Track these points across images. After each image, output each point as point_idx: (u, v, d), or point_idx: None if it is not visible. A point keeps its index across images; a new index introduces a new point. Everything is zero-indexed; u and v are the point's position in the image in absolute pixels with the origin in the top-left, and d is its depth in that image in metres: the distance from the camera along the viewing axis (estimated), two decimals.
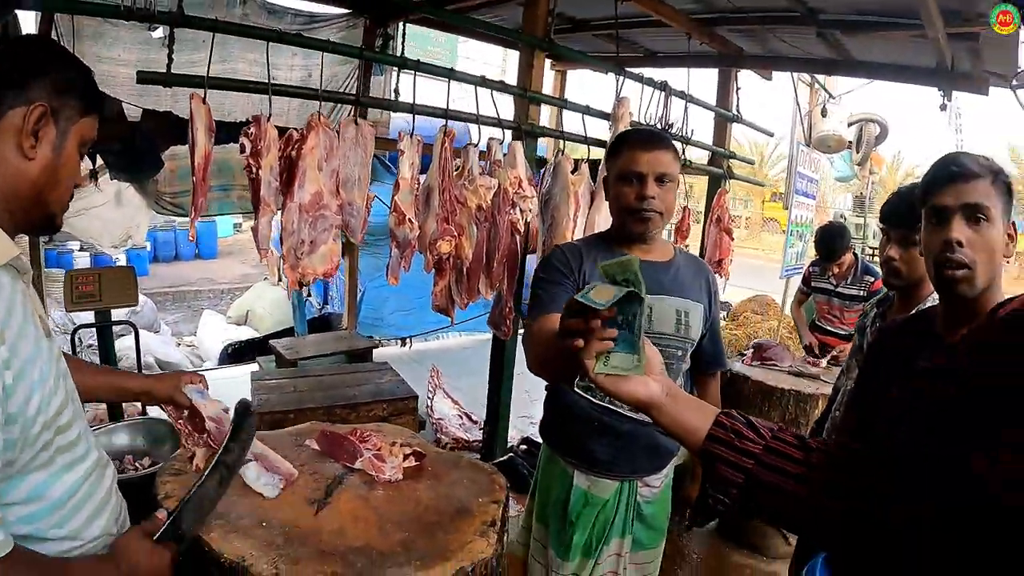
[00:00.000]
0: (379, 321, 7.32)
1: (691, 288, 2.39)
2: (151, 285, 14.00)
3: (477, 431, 4.30)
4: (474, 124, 3.32)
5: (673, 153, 2.29)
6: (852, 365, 2.78)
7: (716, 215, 5.12)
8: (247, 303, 9.99)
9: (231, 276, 16.38)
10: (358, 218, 2.99)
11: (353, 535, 1.81)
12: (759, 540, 4.69)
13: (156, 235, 17.36)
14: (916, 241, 2.41)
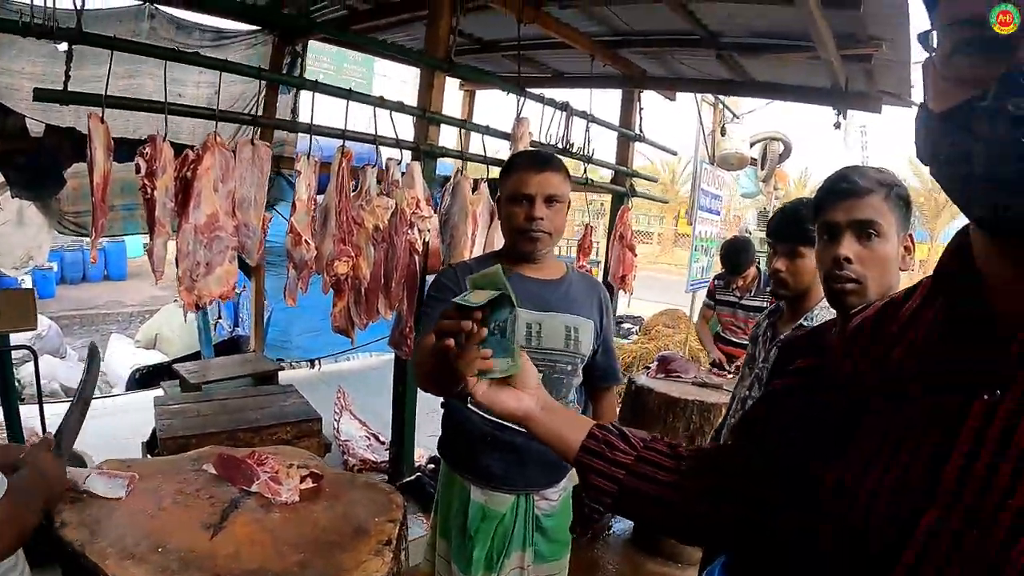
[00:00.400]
0: (287, 343, 7.24)
1: (582, 305, 2.46)
2: (58, 308, 13.57)
3: (384, 451, 4.30)
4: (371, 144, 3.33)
5: (562, 175, 2.36)
6: (746, 373, 2.89)
7: (619, 232, 5.23)
8: (155, 326, 9.75)
9: (140, 298, 15.93)
10: (254, 239, 2.98)
11: (248, 558, 1.81)
12: (673, 547, 4.79)
13: (64, 255, 16.79)
14: (802, 253, 2.55)
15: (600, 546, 4.99)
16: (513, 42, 4.45)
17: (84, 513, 1.93)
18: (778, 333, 2.72)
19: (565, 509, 2.63)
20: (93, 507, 1.97)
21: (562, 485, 2.57)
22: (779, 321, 2.78)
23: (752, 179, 11.10)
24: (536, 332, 2.36)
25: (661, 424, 4.55)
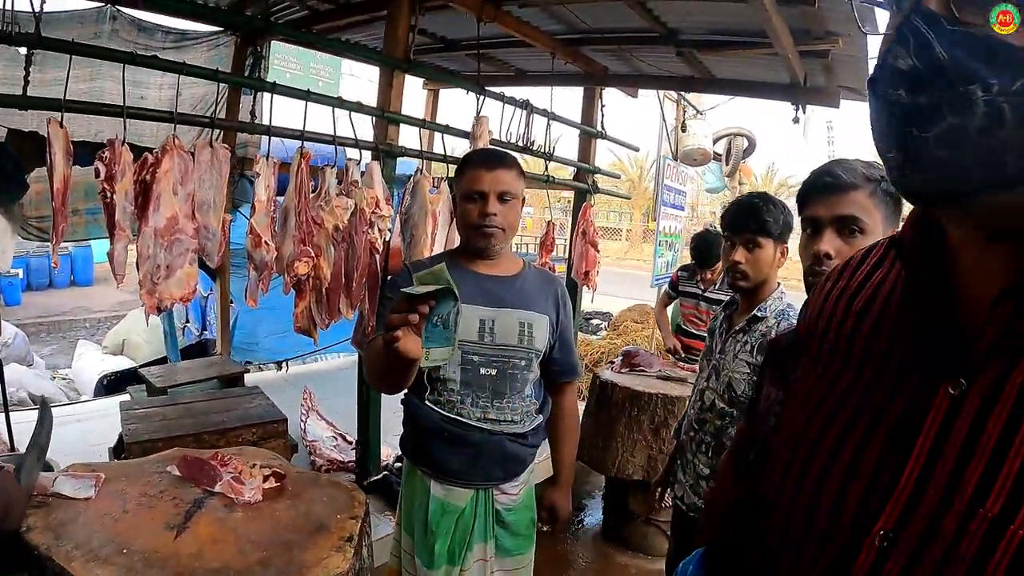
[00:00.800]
0: (253, 345, 7.21)
1: (536, 300, 2.50)
2: (24, 315, 13.42)
3: (352, 451, 4.31)
4: (330, 145, 3.35)
5: (515, 172, 2.42)
6: (704, 365, 2.96)
7: (582, 228, 5.27)
8: (123, 332, 9.67)
9: (108, 303, 15.75)
10: (214, 241, 2.98)
11: (211, 557, 1.85)
12: (642, 540, 4.88)
13: (29, 261, 16.58)
14: (760, 244, 2.61)
15: (570, 540, 5.05)
16: (474, 41, 4.48)
17: (50, 517, 1.96)
18: (733, 325, 2.80)
19: (527, 503, 2.67)
20: (59, 511, 2.00)
21: (521, 479, 2.61)
22: (735, 313, 2.85)
23: (717, 175, 11.20)
24: (489, 328, 2.40)
25: (626, 417, 4.63)
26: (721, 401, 2.75)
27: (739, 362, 2.69)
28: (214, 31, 5.55)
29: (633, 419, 4.62)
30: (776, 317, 2.65)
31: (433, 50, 5.70)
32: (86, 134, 4.78)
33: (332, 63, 14.81)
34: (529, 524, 2.68)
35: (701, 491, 2.83)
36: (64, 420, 5.40)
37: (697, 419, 2.87)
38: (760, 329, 2.66)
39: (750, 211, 2.65)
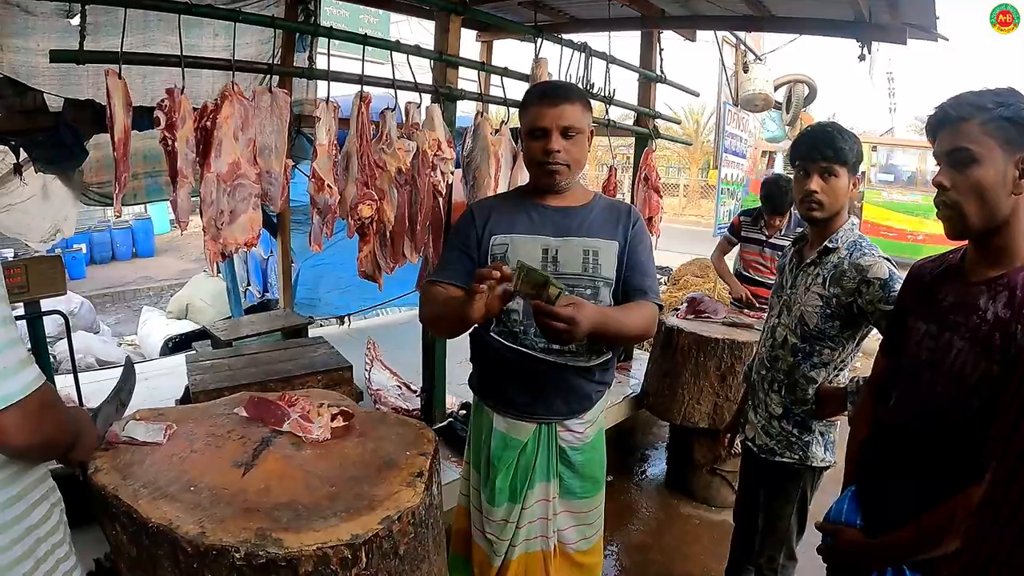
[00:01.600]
0: (316, 300, 7.26)
1: (602, 228, 2.42)
2: (89, 287, 13.70)
3: (416, 400, 4.31)
4: (390, 89, 3.31)
5: (581, 105, 2.34)
6: (774, 302, 2.89)
7: (644, 174, 5.17)
8: (186, 297, 9.81)
9: (170, 273, 16.07)
10: (277, 186, 2.97)
11: (278, 492, 1.85)
12: (706, 491, 4.84)
13: (92, 236, 16.95)
14: (836, 172, 2.54)
15: (634, 490, 5.02)
16: None
17: (117, 459, 1.98)
18: (804, 259, 2.73)
19: (596, 445, 2.61)
20: (126, 454, 2.02)
21: (588, 418, 2.53)
22: (805, 248, 2.78)
23: (777, 123, 10.95)
24: (553, 257, 2.36)
25: (692, 364, 4.56)
26: (793, 336, 2.71)
27: (811, 295, 2.64)
28: None
29: (700, 365, 4.55)
30: (848, 248, 2.59)
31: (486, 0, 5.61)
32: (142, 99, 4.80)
33: (380, 27, 14.78)
34: (598, 467, 2.63)
35: (774, 432, 2.79)
36: None
37: (769, 357, 2.83)
38: (832, 261, 2.61)
39: (826, 138, 2.57)
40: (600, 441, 2.63)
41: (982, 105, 1.69)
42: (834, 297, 2.56)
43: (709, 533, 4.50)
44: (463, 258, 2.40)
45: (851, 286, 2.51)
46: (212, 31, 5.04)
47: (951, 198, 1.74)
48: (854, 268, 2.51)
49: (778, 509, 2.86)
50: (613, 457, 2.71)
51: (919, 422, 1.86)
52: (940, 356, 1.82)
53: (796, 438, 2.74)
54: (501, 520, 2.51)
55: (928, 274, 2.03)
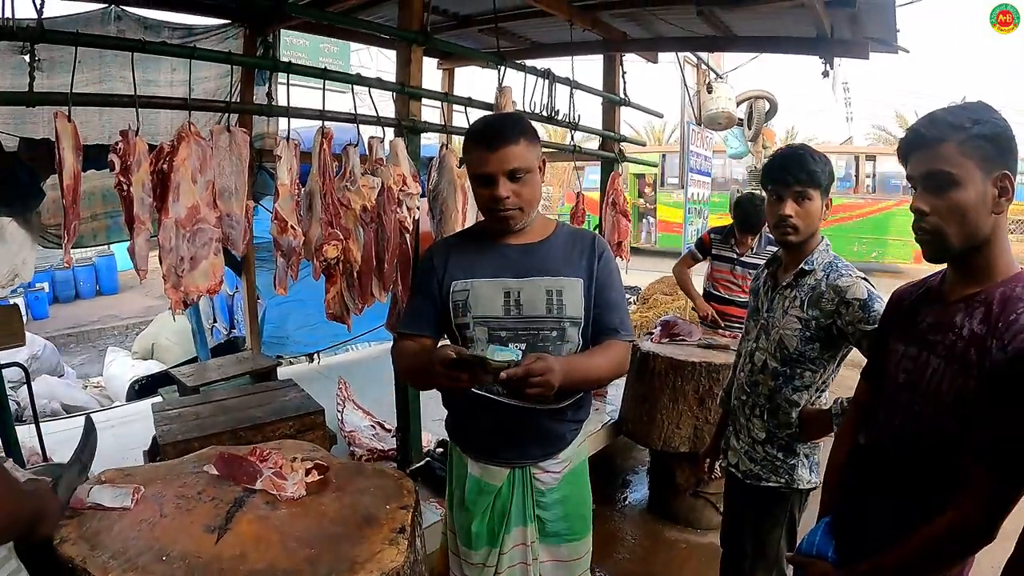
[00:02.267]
0: (284, 339, 7.16)
1: (565, 264, 2.31)
2: (53, 327, 13.49)
3: (391, 439, 4.22)
4: (352, 124, 3.24)
5: (525, 142, 2.18)
6: (751, 327, 2.85)
7: (611, 198, 5.15)
8: (151, 335, 9.66)
9: (135, 310, 15.83)
10: (238, 230, 2.88)
11: (255, 558, 1.77)
12: (690, 514, 4.81)
13: (54, 274, 16.66)
14: (810, 196, 2.51)
15: (617, 517, 4.96)
16: (490, 15, 4.35)
17: (83, 527, 1.88)
18: (779, 281, 2.70)
19: (576, 482, 2.50)
20: (93, 520, 1.92)
21: (564, 456, 2.42)
22: (779, 270, 2.75)
23: (740, 139, 11.03)
24: (515, 300, 2.25)
25: (670, 389, 4.53)
26: (773, 360, 2.66)
27: (789, 318, 2.60)
28: (221, 24, 5.42)
29: (678, 390, 4.51)
30: (824, 270, 2.57)
31: (447, 27, 5.57)
32: (99, 136, 4.70)
33: (342, 55, 14.75)
34: (581, 503, 2.52)
35: (758, 457, 2.74)
36: (98, 427, 5.36)
37: (749, 382, 2.78)
38: (809, 283, 2.58)
39: (798, 161, 2.55)
40: (580, 476, 2.52)
41: (958, 124, 1.65)
42: (813, 319, 2.52)
43: (696, 556, 4.45)
44: (427, 305, 2.31)
45: (830, 308, 2.48)
46: (170, 66, 4.96)
47: (931, 223, 1.69)
48: (832, 289, 2.49)
49: (767, 534, 2.80)
50: (594, 484, 2.61)
51: (897, 444, 1.84)
52: (918, 376, 1.79)
53: (781, 462, 2.69)
54: (479, 564, 2.41)
55: (909, 297, 2.00)
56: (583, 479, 2.54)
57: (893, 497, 1.83)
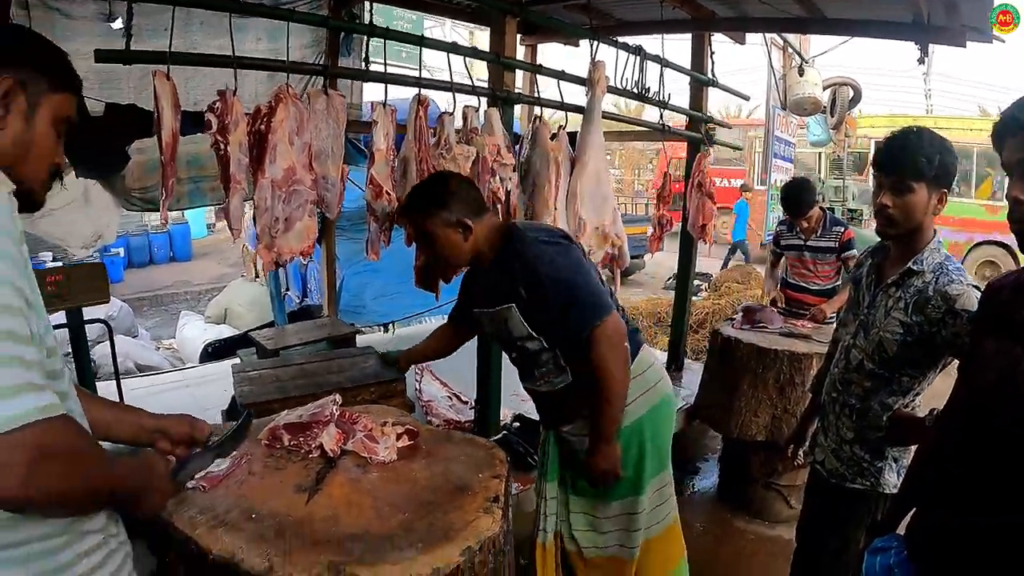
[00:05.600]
0: (360, 308, 7.20)
1: (496, 294, 2.58)
2: (126, 291, 13.79)
3: (468, 411, 4.21)
4: (447, 92, 3.22)
5: (422, 215, 2.54)
6: (849, 320, 2.72)
7: (697, 180, 5.05)
8: (224, 301, 9.81)
9: (208, 277, 16.17)
10: (333, 192, 2.88)
11: (348, 521, 1.73)
12: (760, 505, 4.71)
13: (129, 240, 17.12)
14: (911, 188, 2.32)
15: (686, 504, 4.88)
16: None
17: None
18: (885, 276, 2.53)
19: None
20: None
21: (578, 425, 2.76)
22: (885, 263, 2.58)
23: (822, 126, 10.72)
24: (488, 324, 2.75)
25: (751, 375, 4.43)
26: (870, 362, 2.50)
27: (892, 320, 2.41)
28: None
29: (758, 377, 4.42)
30: (933, 272, 2.36)
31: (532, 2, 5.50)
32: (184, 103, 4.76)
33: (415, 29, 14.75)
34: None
35: (845, 456, 2.61)
36: (173, 386, 5.46)
37: (842, 380, 2.64)
38: (916, 285, 2.38)
39: (901, 149, 2.35)
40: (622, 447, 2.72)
41: None
42: (916, 325, 2.35)
43: (764, 548, 4.37)
44: None
45: (935, 315, 2.30)
46: (255, 35, 4.98)
47: None
48: (940, 296, 2.29)
49: (847, 535, 2.69)
50: None
51: (986, 446, 1.70)
52: (1009, 372, 1.65)
53: (868, 464, 2.56)
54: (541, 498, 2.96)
55: (1004, 289, 1.85)
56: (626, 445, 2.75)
57: (984, 513, 1.69)
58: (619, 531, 2.87)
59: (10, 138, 1.28)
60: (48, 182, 1.42)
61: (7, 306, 1.12)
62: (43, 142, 1.35)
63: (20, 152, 1.31)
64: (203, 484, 1.82)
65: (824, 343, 4.16)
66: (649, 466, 2.80)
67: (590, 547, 2.92)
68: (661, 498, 2.93)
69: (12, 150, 1.29)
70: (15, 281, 1.14)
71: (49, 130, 1.37)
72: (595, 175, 3.62)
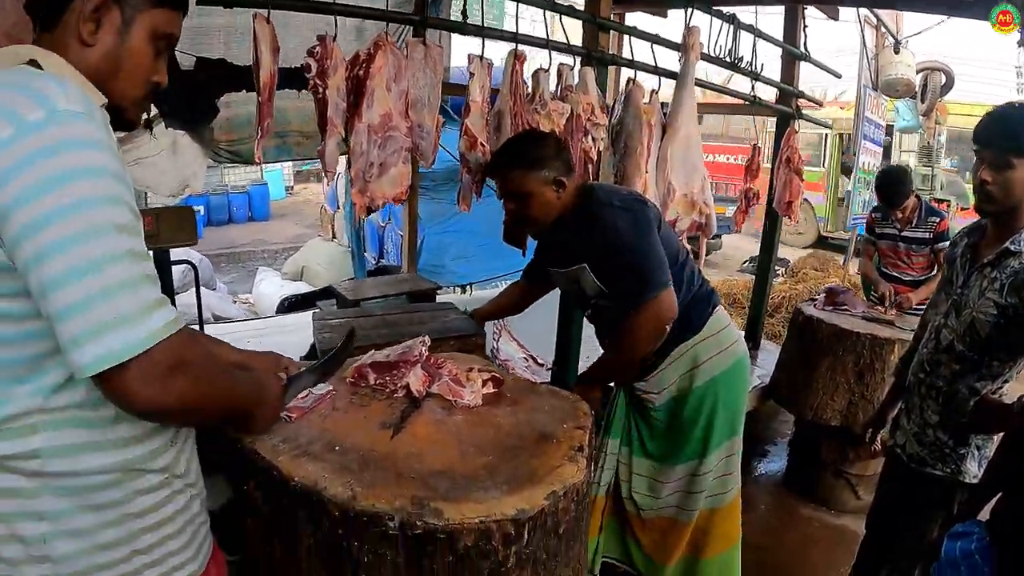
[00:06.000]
0: (439, 268, 7.25)
1: (569, 254, 2.69)
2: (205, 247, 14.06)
3: (544, 374, 4.21)
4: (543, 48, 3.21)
5: (520, 171, 2.59)
6: (940, 300, 2.65)
7: (785, 155, 4.94)
8: (302, 259, 9.97)
9: (285, 236, 16.44)
10: (428, 141, 2.90)
11: (432, 459, 1.73)
12: (828, 493, 4.64)
13: (209, 199, 17.49)
14: (1011, 164, 2.25)
15: (751, 485, 4.84)
16: None
17: None
18: (980, 256, 2.45)
19: (678, 412, 2.89)
20: None
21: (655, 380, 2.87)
22: (981, 243, 2.50)
23: (913, 112, 10.38)
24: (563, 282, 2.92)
25: (830, 357, 4.34)
26: (961, 343, 2.44)
27: (985, 300, 2.35)
28: None
29: (837, 359, 4.35)
30: None
31: None
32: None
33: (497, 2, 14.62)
34: (678, 434, 2.89)
35: (927, 441, 2.55)
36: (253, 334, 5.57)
37: (930, 361, 2.57)
38: (1012, 265, 2.31)
39: (1002, 123, 2.28)
40: (693, 406, 2.84)
41: None
42: (1011, 307, 2.27)
43: (827, 538, 4.32)
44: None
45: None
46: None
47: None
48: None
49: (921, 524, 2.63)
50: None
51: None
52: None
53: (951, 450, 2.50)
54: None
55: None
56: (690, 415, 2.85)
57: None
58: (679, 493, 2.92)
59: (100, 53, 1.27)
60: (145, 101, 1.42)
61: (126, 226, 1.14)
62: (138, 58, 1.33)
63: (111, 68, 1.29)
64: (288, 415, 1.84)
65: (908, 331, 4.07)
66: (718, 429, 2.84)
67: (648, 509, 2.98)
68: (728, 467, 2.96)
69: (103, 66, 1.28)
70: (125, 197, 1.16)
71: (146, 47, 1.33)
72: (686, 141, 3.59)
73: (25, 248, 1.07)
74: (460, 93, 3.28)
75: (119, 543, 1.31)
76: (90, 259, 1.08)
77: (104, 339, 1.08)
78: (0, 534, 1.22)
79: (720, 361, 2.81)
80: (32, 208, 1.06)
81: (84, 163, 1.10)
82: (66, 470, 1.23)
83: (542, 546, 1.62)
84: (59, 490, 1.23)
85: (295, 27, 4.87)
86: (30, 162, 1.06)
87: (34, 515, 1.22)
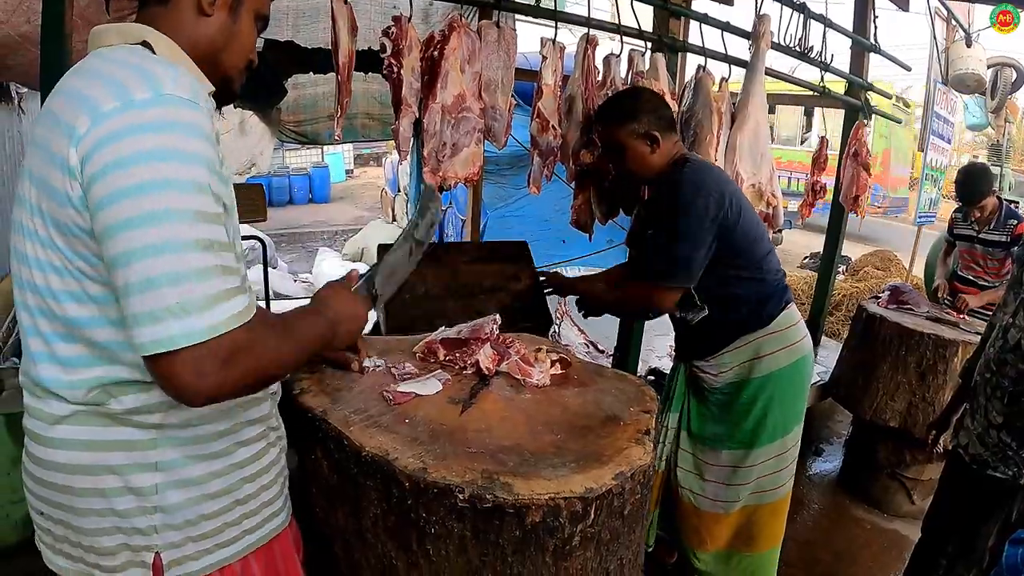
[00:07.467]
0: None
1: (649, 220, 2.79)
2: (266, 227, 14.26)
3: (605, 360, 4.22)
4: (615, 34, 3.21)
5: (614, 125, 2.69)
6: (1008, 299, 2.59)
7: (853, 149, 4.86)
8: (361, 241, 10.09)
9: (345, 218, 16.62)
10: (501, 122, 2.92)
11: (500, 435, 1.75)
12: (882, 495, 4.55)
13: (271, 180, 17.72)
14: None
15: (805, 483, 4.79)
16: None
17: (324, 383, 1.93)
18: None
19: (741, 396, 2.85)
20: (333, 377, 1.97)
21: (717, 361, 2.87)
22: None
23: (982, 109, 10.08)
24: None
25: (892, 356, 4.27)
26: None
27: None
28: None
29: (899, 359, 4.27)
30: None
31: None
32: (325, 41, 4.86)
33: None
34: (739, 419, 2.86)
35: (991, 442, 2.49)
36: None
37: (997, 359, 2.51)
38: None
39: None
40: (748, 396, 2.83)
41: None
42: None
43: (878, 541, 4.24)
44: None
45: None
46: None
47: None
48: None
49: (980, 526, 2.58)
50: None
51: None
52: None
53: (1014, 452, 2.44)
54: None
55: None
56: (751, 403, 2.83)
57: None
58: (717, 484, 2.93)
59: (217, 26, 1.35)
60: (242, 78, 1.49)
61: (207, 214, 1.15)
62: (245, 35, 1.42)
63: (225, 41, 1.38)
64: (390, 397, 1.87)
65: (973, 333, 3.99)
66: (770, 424, 2.82)
67: (686, 489, 3.03)
68: (779, 464, 2.94)
69: (218, 37, 1.36)
70: (214, 187, 1.17)
71: (252, 24, 1.43)
72: (755, 130, 3.55)
73: (102, 217, 1.10)
74: (526, 79, 3.30)
75: (224, 493, 1.37)
76: (163, 239, 1.09)
77: (164, 323, 1.09)
78: (113, 486, 1.27)
79: (782, 357, 2.79)
80: (117, 177, 1.09)
81: (178, 146, 1.12)
82: (182, 421, 1.30)
83: (606, 526, 1.63)
84: (173, 440, 1.30)
85: (363, 12, 4.93)
86: (127, 134, 1.09)
87: (149, 466, 1.28)
